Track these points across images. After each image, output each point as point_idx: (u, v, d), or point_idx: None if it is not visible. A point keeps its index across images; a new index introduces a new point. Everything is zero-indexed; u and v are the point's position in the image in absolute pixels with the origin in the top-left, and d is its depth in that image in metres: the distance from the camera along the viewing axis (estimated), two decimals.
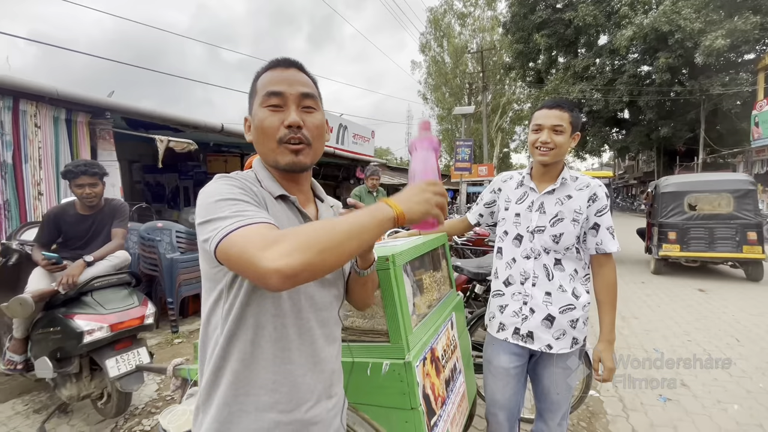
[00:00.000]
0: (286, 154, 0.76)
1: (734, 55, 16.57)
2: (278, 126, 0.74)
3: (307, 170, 0.83)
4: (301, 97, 0.76)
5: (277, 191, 0.78)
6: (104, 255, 2.37)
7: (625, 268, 7.08)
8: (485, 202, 1.69)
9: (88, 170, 2.34)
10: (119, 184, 4.55)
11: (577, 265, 1.44)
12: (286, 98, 0.75)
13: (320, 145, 0.81)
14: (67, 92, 3.86)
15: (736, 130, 17.99)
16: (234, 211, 0.63)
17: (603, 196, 1.42)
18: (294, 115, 0.74)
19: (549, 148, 1.40)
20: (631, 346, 3.57)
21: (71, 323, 2.09)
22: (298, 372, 0.75)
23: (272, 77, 0.77)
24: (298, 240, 0.56)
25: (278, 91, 0.75)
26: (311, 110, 0.78)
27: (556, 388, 1.49)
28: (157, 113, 4.99)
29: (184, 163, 9.56)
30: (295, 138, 0.75)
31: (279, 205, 0.78)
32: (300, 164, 0.77)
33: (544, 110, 1.43)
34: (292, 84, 0.76)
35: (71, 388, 2.25)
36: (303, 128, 0.75)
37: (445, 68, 29.12)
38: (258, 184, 0.77)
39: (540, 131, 1.42)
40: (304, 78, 0.79)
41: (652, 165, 27.51)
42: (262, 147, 0.78)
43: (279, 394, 0.73)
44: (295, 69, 0.79)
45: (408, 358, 1.21)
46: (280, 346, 0.73)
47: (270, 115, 0.75)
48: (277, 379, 0.73)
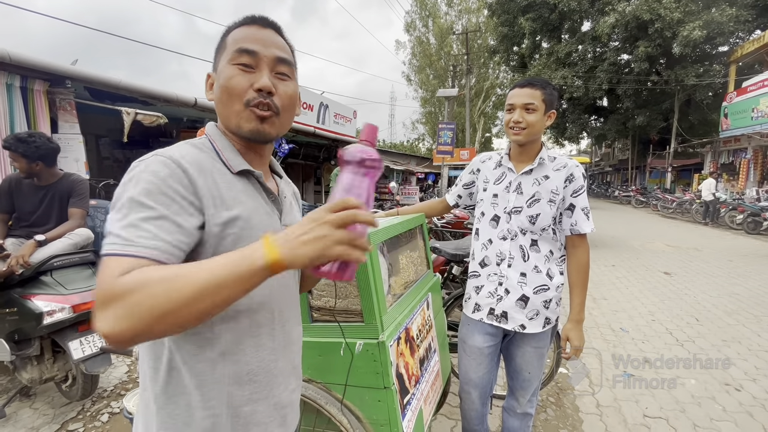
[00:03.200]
0: (251, 120, 0.66)
1: (709, 47, 17.00)
2: (246, 87, 0.65)
3: (270, 142, 0.75)
4: (276, 61, 0.68)
5: (238, 165, 0.68)
6: (58, 235, 2.23)
7: (597, 252, 7.34)
8: (464, 183, 1.67)
9: (13, 147, 2.13)
10: (83, 159, 4.29)
11: (553, 246, 1.45)
12: (260, 59, 0.66)
13: (289, 117, 0.72)
14: (21, 56, 3.55)
15: (707, 120, 18.67)
16: (125, 223, 0.53)
17: (580, 176, 1.41)
18: (266, 79, 0.65)
19: (521, 128, 1.38)
20: (599, 325, 3.72)
21: (29, 304, 1.98)
22: (271, 358, 0.71)
23: (246, 34, 0.67)
24: (133, 300, 0.45)
25: (251, 50, 0.66)
26: (285, 78, 0.70)
27: (528, 367, 1.52)
28: (123, 84, 4.68)
29: (156, 139, 9.13)
30: (264, 104, 0.66)
31: (240, 182, 0.68)
32: (264, 133, 0.68)
33: (516, 89, 1.41)
34: (268, 45, 0.67)
35: (32, 371, 2.15)
36: (274, 95, 0.67)
37: (429, 49, 28.74)
38: (214, 155, 0.68)
39: (513, 110, 1.40)
40: (281, 42, 0.71)
41: (627, 153, 28.33)
42: (224, 108, 0.68)
43: (254, 384, 0.69)
44: (272, 30, 0.70)
45: (382, 337, 1.20)
46: (254, 336, 0.69)
47: (239, 73, 0.65)
48: (251, 370, 0.69)
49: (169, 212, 0.55)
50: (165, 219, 0.55)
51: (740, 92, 14.53)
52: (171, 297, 0.45)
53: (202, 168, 0.63)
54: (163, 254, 0.52)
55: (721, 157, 16.38)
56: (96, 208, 4.04)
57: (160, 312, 0.45)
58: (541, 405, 2.41)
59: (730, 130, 15.10)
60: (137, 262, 0.50)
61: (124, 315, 0.45)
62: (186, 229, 0.57)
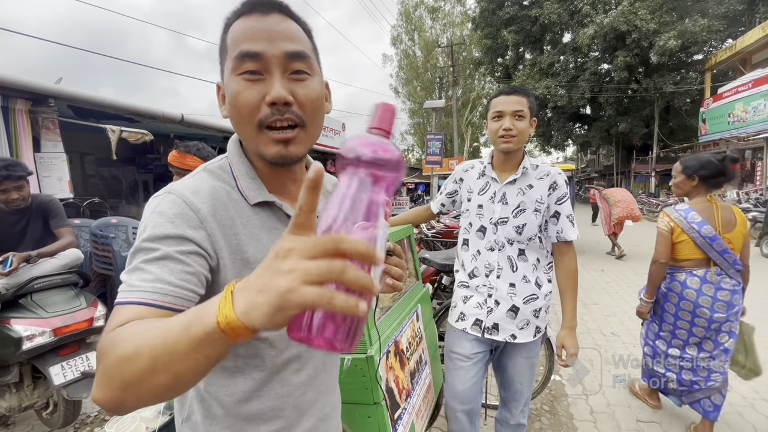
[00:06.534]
0: (271, 145, 0.55)
1: (685, 56, 17.65)
2: (257, 103, 0.53)
3: (302, 161, 0.64)
4: (287, 58, 0.54)
5: (255, 196, 0.59)
6: (51, 252, 2.19)
7: (585, 257, 7.42)
8: (447, 192, 1.66)
9: (11, 174, 2.07)
10: (67, 178, 4.22)
11: (540, 254, 1.45)
12: (267, 61, 0.53)
13: (318, 124, 0.59)
14: (2, 76, 3.51)
15: (686, 126, 19.26)
16: (130, 268, 0.49)
17: (563, 183, 1.42)
18: (278, 88, 0.53)
19: (512, 135, 1.37)
20: (591, 330, 3.74)
21: (7, 329, 1.91)
22: (298, 393, 0.65)
23: (246, 28, 0.54)
24: (108, 362, 0.38)
25: (254, 52, 0.53)
26: (303, 76, 0.56)
27: (520, 378, 1.51)
28: (107, 102, 4.65)
29: (142, 156, 9.06)
30: (283, 120, 0.54)
31: (257, 215, 0.59)
32: (290, 157, 0.56)
33: (502, 96, 1.40)
34: (274, 39, 0.53)
35: (11, 399, 2.06)
36: (292, 105, 0.54)
37: (416, 62, 29.23)
38: (232, 183, 0.59)
39: (501, 118, 1.38)
40: (290, 28, 0.56)
41: (611, 159, 28.93)
42: (239, 130, 0.58)
43: (281, 420, 0.64)
44: (278, 14, 0.55)
45: (370, 352, 1.19)
46: (278, 371, 0.63)
47: (246, 86, 0.53)
48: (276, 406, 0.63)
49: (173, 251, 0.49)
50: (169, 259, 0.48)
51: (716, 98, 15.05)
52: (131, 363, 0.36)
53: (217, 203, 0.56)
54: (166, 297, 0.46)
55: None
56: (80, 228, 3.96)
57: (122, 381, 0.37)
58: (536, 413, 2.40)
59: (708, 134, 15.59)
60: (140, 310, 0.44)
61: (100, 378, 0.39)
62: (195, 270, 0.50)
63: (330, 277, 0.30)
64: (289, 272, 0.31)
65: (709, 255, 1.90)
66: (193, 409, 0.64)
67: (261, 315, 0.31)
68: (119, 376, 0.37)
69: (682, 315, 2.00)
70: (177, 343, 0.35)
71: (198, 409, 0.63)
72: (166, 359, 0.35)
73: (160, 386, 0.36)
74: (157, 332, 0.37)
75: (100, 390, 0.38)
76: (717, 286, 1.90)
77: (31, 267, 2.14)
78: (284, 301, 0.30)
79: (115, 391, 0.37)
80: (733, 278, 1.91)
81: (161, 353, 0.35)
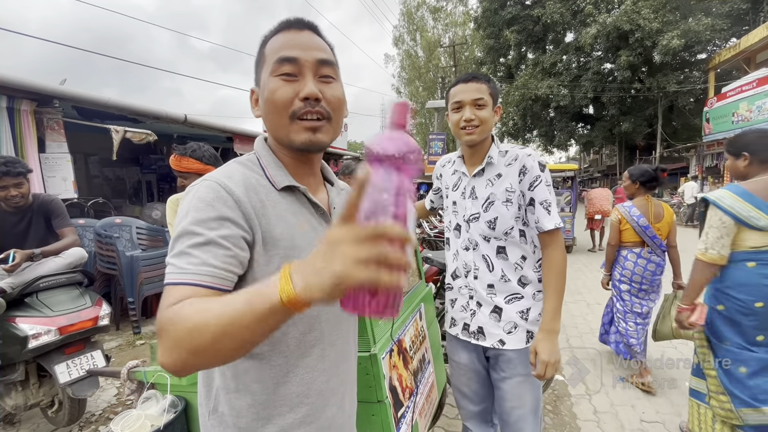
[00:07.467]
0: (301, 132, 0.65)
1: (688, 55, 17.54)
2: (292, 98, 0.64)
3: (320, 155, 0.74)
4: (318, 64, 0.65)
5: (282, 181, 0.68)
6: (56, 250, 2.20)
7: (586, 257, 7.38)
8: (434, 189, 1.62)
9: (10, 170, 2.09)
10: (71, 178, 4.25)
11: (524, 250, 1.30)
12: (301, 65, 0.64)
13: (340, 120, 0.70)
14: (7, 77, 3.54)
15: (690, 125, 19.14)
16: (177, 251, 0.56)
17: (534, 165, 1.25)
18: (311, 86, 0.64)
19: (474, 126, 1.25)
20: (594, 330, 3.73)
21: (12, 327, 1.93)
22: (322, 379, 0.70)
23: (284, 41, 0.66)
24: (175, 333, 0.47)
25: (292, 57, 0.64)
26: (330, 80, 0.68)
27: (519, 402, 1.31)
28: (111, 102, 4.67)
29: (146, 156, 9.10)
30: (313, 113, 0.64)
31: (284, 199, 0.67)
32: (318, 143, 0.66)
33: (460, 85, 1.28)
34: (308, 49, 0.65)
35: (16, 397, 2.08)
36: (321, 101, 0.65)
37: (418, 62, 29.19)
38: (261, 172, 0.68)
39: (461, 109, 1.27)
40: (320, 42, 0.68)
41: (614, 159, 28.82)
42: (272, 123, 0.67)
43: (305, 407, 0.68)
44: (309, 31, 0.68)
45: (374, 350, 1.19)
46: (303, 357, 0.68)
47: (282, 85, 0.64)
48: (302, 392, 0.68)
49: (216, 236, 0.56)
50: (212, 244, 0.56)
51: (720, 98, 14.96)
52: (203, 333, 0.45)
53: (249, 186, 0.63)
54: (213, 279, 0.54)
55: (706, 160, 16.73)
56: (84, 228, 3.99)
57: (192, 348, 0.46)
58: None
59: (712, 134, 15.49)
60: (189, 290, 0.52)
61: (168, 347, 0.47)
62: (234, 253, 0.57)
63: (377, 258, 0.37)
64: (344, 256, 0.38)
65: (644, 239, 2.62)
66: (220, 400, 0.67)
67: (320, 292, 0.40)
68: (188, 343, 0.46)
69: (623, 279, 2.73)
70: (242, 317, 0.44)
71: (225, 400, 0.66)
72: (233, 329, 0.44)
73: (227, 349, 0.46)
74: (221, 309, 0.46)
75: (171, 356, 0.47)
76: (648, 260, 2.64)
77: (36, 266, 2.16)
78: (340, 280, 0.38)
79: (184, 354, 0.46)
80: (659, 257, 2.64)
81: (227, 324, 0.44)
